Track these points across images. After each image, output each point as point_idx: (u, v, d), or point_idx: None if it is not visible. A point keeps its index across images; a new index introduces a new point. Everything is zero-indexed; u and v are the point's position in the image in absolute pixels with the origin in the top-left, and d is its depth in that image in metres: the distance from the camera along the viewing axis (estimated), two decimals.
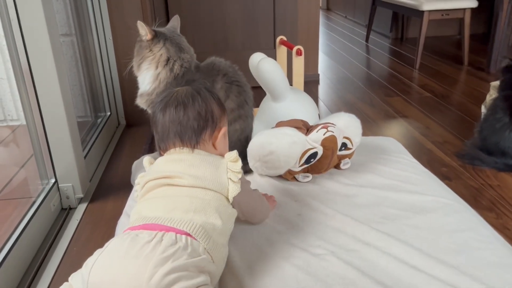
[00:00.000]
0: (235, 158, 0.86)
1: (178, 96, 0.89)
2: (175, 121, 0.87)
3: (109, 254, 0.72)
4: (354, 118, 1.33)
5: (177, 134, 0.87)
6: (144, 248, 0.71)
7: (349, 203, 1.13)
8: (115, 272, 0.70)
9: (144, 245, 0.71)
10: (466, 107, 2.34)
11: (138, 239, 0.73)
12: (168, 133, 0.87)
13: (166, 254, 0.70)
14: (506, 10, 2.73)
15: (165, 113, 0.87)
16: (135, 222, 0.78)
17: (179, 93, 0.89)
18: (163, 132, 0.88)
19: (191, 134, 0.87)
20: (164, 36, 1.29)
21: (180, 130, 0.87)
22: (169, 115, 0.87)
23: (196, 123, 0.87)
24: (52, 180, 1.38)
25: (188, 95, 0.89)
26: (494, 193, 1.51)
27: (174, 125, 0.87)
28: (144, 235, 0.73)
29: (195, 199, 0.80)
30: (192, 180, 0.81)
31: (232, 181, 0.85)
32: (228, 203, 0.85)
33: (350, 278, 0.86)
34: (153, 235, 0.73)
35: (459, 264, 0.88)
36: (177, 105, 0.87)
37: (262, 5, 2.59)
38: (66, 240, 1.25)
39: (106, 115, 2.02)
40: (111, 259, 0.72)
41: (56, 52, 1.27)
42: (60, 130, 1.32)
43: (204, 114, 0.88)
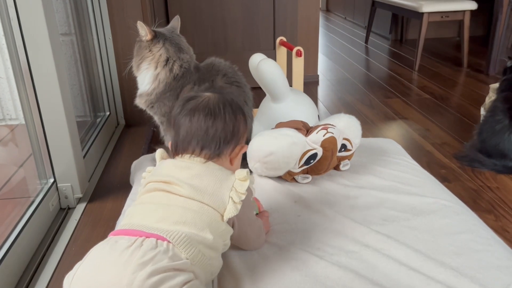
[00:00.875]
0: (244, 178, 0.82)
1: (210, 103, 0.85)
2: (202, 129, 0.83)
3: (88, 264, 0.71)
4: (354, 120, 1.33)
5: (200, 142, 0.83)
6: (123, 254, 0.69)
7: (348, 205, 1.13)
8: (94, 281, 0.69)
9: (123, 251, 0.70)
10: (465, 109, 2.34)
11: (117, 245, 0.71)
12: (191, 139, 0.83)
13: (146, 259, 0.68)
14: (505, 12, 2.73)
15: (193, 117, 0.83)
16: (122, 227, 0.77)
17: (210, 100, 0.85)
18: (186, 136, 0.84)
19: (215, 146, 0.83)
20: (163, 36, 1.29)
21: (205, 139, 0.83)
22: (197, 121, 0.83)
23: (223, 136, 0.84)
24: (51, 179, 1.38)
25: (220, 104, 0.85)
26: (493, 195, 1.51)
27: (200, 133, 0.83)
28: (124, 241, 0.72)
29: (188, 211, 0.77)
30: (191, 192, 0.79)
31: (233, 201, 0.80)
32: (223, 221, 0.81)
33: (349, 280, 0.85)
34: (133, 240, 0.71)
35: (458, 266, 0.88)
36: (207, 113, 0.83)
37: (262, 6, 2.59)
38: (64, 240, 1.25)
39: (105, 115, 2.01)
40: (90, 269, 0.70)
41: (56, 51, 1.27)
42: (59, 130, 1.32)
43: (232, 128, 0.85)
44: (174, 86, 1.30)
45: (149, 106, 1.34)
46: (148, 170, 0.89)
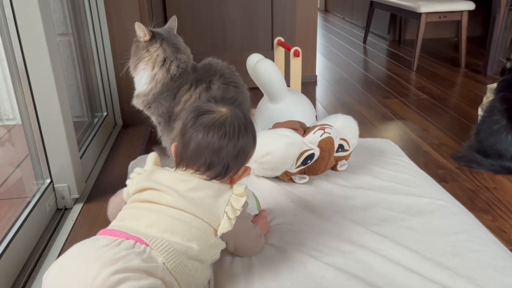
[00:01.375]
0: (242, 193, 0.81)
1: (226, 122, 0.81)
2: (214, 149, 0.80)
3: (63, 260, 0.71)
4: (351, 120, 1.33)
5: (208, 161, 0.80)
6: (98, 251, 0.69)
7: (345, 205, 1.13)
8: (66, 274, 0.69)
9: (99, 248, 0.70)
10: (463, 110, 2.34)
11: (96, 243, 0.72)
12: (199, 156, 0.80)
13: (118, 256, 0.68)
14: (503, 13, 2.73)
15: (207, 135, 0.80)
16: (109, 227, 0.78)
17: (227, 119, 0.81)
18: (195, 152, 0.81)
19: (222, 168, 0.81)
20: (161, 37, 1.29)
21: (213, 160, 0.80)
22: (211, 139, 0.80)
23: (232, 161, 0.81)
24: (48, 180, 1.37)
25: (235, 125, 0.81)
26: (490, 195, 1.51)
27: (211, 153, 0.80)
28: (104, 240, 0.72)
29: (178, 221, 0.76)
30: (185, 204, 0.77)
31: (228, 217, 0.79)
32: (214, 235, 0.80)
33: (345, 280, 0.85)
34: (112, 240, 0.72)
35: (454, 266, 0.88)
36: (223, 133, 0.80)
37: (260, 6, 2.59)
38: (61, 241, 1.24)
39: (102, 115, 2.01)
40: (63, 264, 0.71)
41: (53, 51, 1.27)
42: (56, 130, 1.32)
43: (243, 153, 0.83)
44: (171, 87, 1.30)
45: (146, 107, 1.34)
46: (138, 172, 0.87)
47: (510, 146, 1.62)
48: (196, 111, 0.83)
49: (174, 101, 1.29)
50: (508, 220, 1.37)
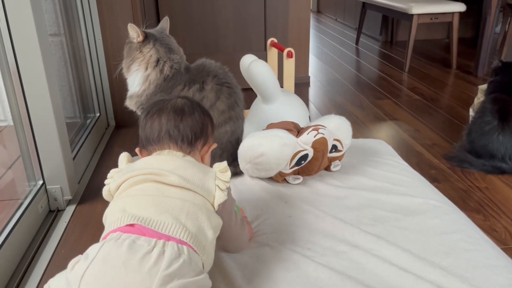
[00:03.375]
0: (225, 169, 0.85)
1: (178, 104, 0.89)
2: (172, 125, 0.86)
3: (103, 262, 0.68)
4: (345, 121, 1.33)
5: (173, 138, 0.85)
6: (145, 260, 0.67)
7: (339, 205, 1.14)
8: (113, 284, 0.65)
9: (144, 256, 0.67)
10: (455, 110, 2.36)
11: (136, 247, 0.69)
12: (163, 135, 0.85)
13: (171, 271, 0.67)
14: (494, 14, 2.76)
15: (161, 117, 0.86)
16: (122, 220, 0.74)
17: (178, 101, 0.90)
18: (158, 134, 0.86)
19: (188, 140, 0.86)
20: (153, 37, 1.29)
21: (177, 134, 0.86)
22: (167, 119, 0.86)
23: (193, 132, 0.87)
24: (40, 181, 1.36)
25: (188, 104, 0.90)
26: (482, 195, 1.53)
27: (171, 129, 0.86)
28: (142, 242, 0.69)
29: (186, 203, 0.77)
30: (181, 181, 0.79)
31: (220, 189, 0.82)
32: (214, 210, 0.82)
33: (339, 280, 0.86)
34: (153, 243, 0.70)
35: (447, 266, 0.89)
36: (176, 110, 0.87)
37: (253, 7, 2.60)
38: (54, 243, 1.23)
39: (95, 116, 2.00)
40: (106, 268, 0.67)
41: (45, 52, 1.26)
42: (48, 131, 1.31)
43: (201, 125, 0.89)
44: (164, 87, 1.29)
45: (139, 108, 1.34)
46: (115, 171, 0.87)
47: (501, 146, 1.63)
48: (148, 106, 0.92)
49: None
50: (500, 219, 1.38)
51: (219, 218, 0.82)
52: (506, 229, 1.33)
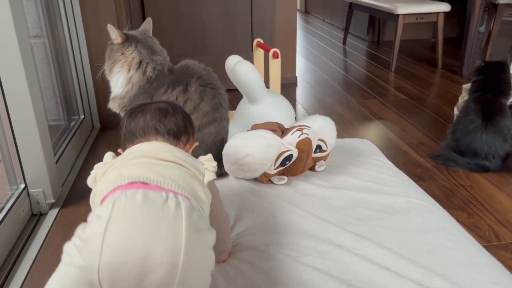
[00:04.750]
0: (210, 158, 0.86)
1: (160, 105, 0.91)
2: (157, 121, 0.86)
3: (123, 216, 0.64)
4: (329, 121, 1.34)
5: (159, 131, 0.86)
6: (165, 209, 0.66)
7: (324, 205, 1.14)
8: (141, 236, 0.62)
9: (163, 205, 0.66)
10: (440, 109, 2.38)
11: (150, 198, 0.66)
12: (148, 130, 0.86)
13: (192, 221, 0.66)
14: (477, 14, 2.79)
15: (146, 115, 0.87)
16: (122, 180, 0.71)
17: (160, 104, 0.91)
18: (142, 129, 0.86)
19: (173, 133, 0.87)
20: (135, 39, 1.28)
21: (163, 129, 0.86)
22: (151, 116, 0.87)
23: (177, 127, 0.88)
24: (22, 185, 1.35)
25: (170, 105, 0.91)
26: (466, 193, 1.54)
27: (156, 124, 0.86)
28: (154, 194, 0.67)
29: (182, 171, 0.76)
30: (173, 157, 0.78)
31: (208, 170, 0.83)
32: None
33: (322, 280, 0.86)
34: (164, 195, 0.68)
35: (430, 264, 0.90)
36: (160, 109, 0.89)
37: (239, 8, 2.59)
38: (36, 247, 1.22)
39: (79, 118, 1.98)
40: (129, 221, 0.64)
41: (25, 54, 1.24)
42: (30, 134, 1.29)
43: (183, 123, 0.90)
44: (148, 89, 1.28)
45: (123, 109, 1.32)
46: (103, 164, 0.82)
47: (484, 145, 1.65)
48: (130, 109, 0.92)
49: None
50: (483, 217, 1.40)
51: (209, 192, 0.81)
52: (489, 227, 1.34)
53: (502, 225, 1.35)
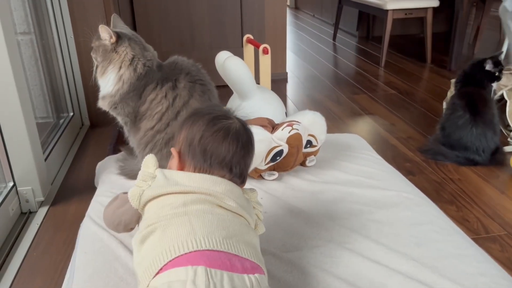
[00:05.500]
0: (256, 195, 0.81)
1: (241, 131, 0.78)
2: (237, 160, 0.76)
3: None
4: (319, 116, 1.34)
5: (232, 172, 0.76)
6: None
7: (314, 200, 1.14)
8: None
9: None
10: (429, 104, 2.40)
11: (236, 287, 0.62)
12: (223, 164, 0.75)
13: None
14: (466, 9, 2.81)
15: (227, 141, 0.75)
16: (196, 244, 0.63)
17: (240, 129, 0.78)
18: (218, 160, 0.75)
19: (241, 178, 0.78)
20: (127, 36, 1.27)
21: (237, 172, 0.77)
22: (234, 149, 0.75)
23: (248, 169, 0.80)
24: (10, 183, 1.33)
25: (251, 136, 0.81)
26: (455, 186, 1.56)
27: (234, 164, 0.76)
28: (239, 280, 0.62)
29: (249, 228, 0.73)
30: (238, 208, 0.72)
31: (260, 219, 0.79)
32: None
33: (312, 274, 0.86)
34: (247, 280, 0.63)
35: (419, 257, 0.91)
36: (243, 142, 0.77)
37: (229, 3, 2.58)
38: (25, 245, 1.21)
39: (69, 116, 1.96)
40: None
41: (12, 51, 1.23)
42: (18, 132, 1.28)
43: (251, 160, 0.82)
44: (137, 86, 1.27)
45: (112, 107, 1.31)
46: (146, 176, 0.74)
47: (475, 139, 1.67)
48: (209, 117, 0.77)
49: (140, 100, 1.27)
50: (472, 210, 1.41)
51: None
52: (478, 219, 1.36)
53: (490, 217, 1.37)
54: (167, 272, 0.62)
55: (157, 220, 0.68)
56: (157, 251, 0.64)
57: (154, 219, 0.69)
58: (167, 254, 0.63)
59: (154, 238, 0.67)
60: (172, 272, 0.61)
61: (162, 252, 0.64)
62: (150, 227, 0.68)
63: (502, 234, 1.29)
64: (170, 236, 0.65)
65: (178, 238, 0.64)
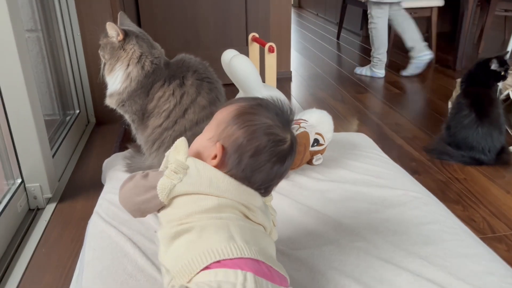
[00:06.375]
0: (271, 199, 0.81)
1: (292, 154, 0.75)
2: (279, 178, 0.75)
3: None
4: (326, 114, 1.34)
5: (269, 188, 0.75)
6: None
7: (321, 198, 1.14)
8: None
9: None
10: (434, 104, 2.40)
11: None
12: (264, 181, 0.73)
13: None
14: (471, 9, 2.81)
15: (283, 163, 0.73)
16: (240, 251, 0.64)
17: (292, 150, 0.75)
18: (264, 181, 0.73)
19: (267, 192, 0.77)
20: (134, 33, 1.27)
21: (271, 185, 0.76)
22: (278, 170, 0.73)
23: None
24: (19, 180, 1.34)
25: (294, 155, 0.77)
26: (460, 186, 1.56)
27: (275, 181, 0.75)
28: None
29: (271, 241, 0.74)
30: (263, 221, 0.73)
31: (274, 225, 0.79)
32: None
33: (320, 272, 0.87)
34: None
35: (427, 255, 0.91)
36: (287, 166, 0.75)
37: (234, 2, 2.59)
38: (34, 242, 1.22)
39: (75, 113, 1.97)
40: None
41: (21, 48, 1.23)
42: (26, 129, 1.29)
43: None
44: (145, 83, 1.28)
45: (120, 105, 1.32)
46: (180, 166, 0.69)
47: (481, 138, 1.67)
48: (272, 136, 0.72)
49: (148, 98, 1.27)
50: (478, 209, 1.41)
51: None
52: (484, 219, 1.36)
53: (496, 217, 1.37)
54: (215, 270, 0.62)
55: (192, 219, 0.67)
56: (197, 250, 0.64)
57: (188, 217, 0.68)
58: (211, 255, 0.63)
59: (191, 237, 0.66)
60: (220, 272, 0.62)
61: (204, 252, 0.63)
62: (184, 225, 0.67)
63: (508, 234, 1.29)
64: (211, 238, 0.65)
65: (221, 242, 0.64)
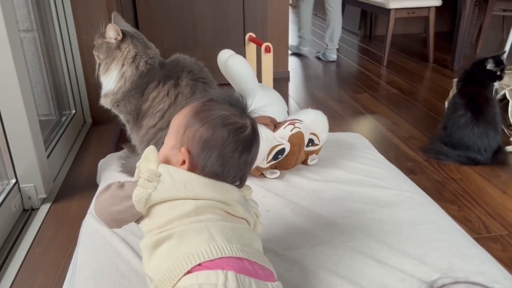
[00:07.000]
0: (250, 192, 0.80)
1: (255, 139, 0.76)
2: (247, 169, 0.75)
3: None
4: (321, 115, 1.34)
5: (242, 180, 0.76)
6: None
7: (316, 198, 1.14)
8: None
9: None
10: (431, 103, 2.40)
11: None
12: (235, 177, 0.74)
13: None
14: (469, 8, 2.81)
15: (249, 152, 0.74)
16: (223, 250, 0.64)
17: (255, 135, 0.76)
18: (234, 173, 0.73)
19: (244, 181, 0.77)
20: (129, 33, 1.27)
21: (246, 176, 0.77)
22: (251, 160, 0.75)
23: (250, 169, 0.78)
24: (13, 180, 1.34)
25: (258, 140, 0.77)
26: (456, 186, 1.55)
27: (243, 172, 0.75)
28: (262, 286, 0.64)
29: (256, 234, 0.74)
30: (243, 211, 0.73)
31: (258, 217, 0.78)
32: None
33: (313, 273, 0.86)
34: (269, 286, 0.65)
35: (421, 256, 0.91)
36: (256, 148, 0.76)
37: (231, 2, 2.58)
38: (28, 242, 1.21)
39: (71, 113, 1.97)
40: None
41: (15, 48, 1.23)
42: (20, 129, 1.28)
43: None
44: (139, 84, 1.28)
45: (115, 105, 1.31)
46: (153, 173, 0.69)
47: (477, 138, 1.67)
48: (234, 128, 0.72)
49: (142, 98, 1.27)
50: (474, 209, 1.41)
51: None
52: (479, 219, 1.36)
53: (492, 217, 1.37)
54: (196, 273, 0.62)
55: (171, 226, 0.67)
56: (178, 256, 0.64)
57: (167, 224, 0.67)
58: (191, 259, 0.63)
59: (172, 243, 0.66)
60: (202, 274, 0.61)
61: (185, 257, 0.63)
62: (164, 233, 0.67)
63: (503, 233, 1.29)
64: (191, 242, 0.65)
65: (201, 244, 0.64)
